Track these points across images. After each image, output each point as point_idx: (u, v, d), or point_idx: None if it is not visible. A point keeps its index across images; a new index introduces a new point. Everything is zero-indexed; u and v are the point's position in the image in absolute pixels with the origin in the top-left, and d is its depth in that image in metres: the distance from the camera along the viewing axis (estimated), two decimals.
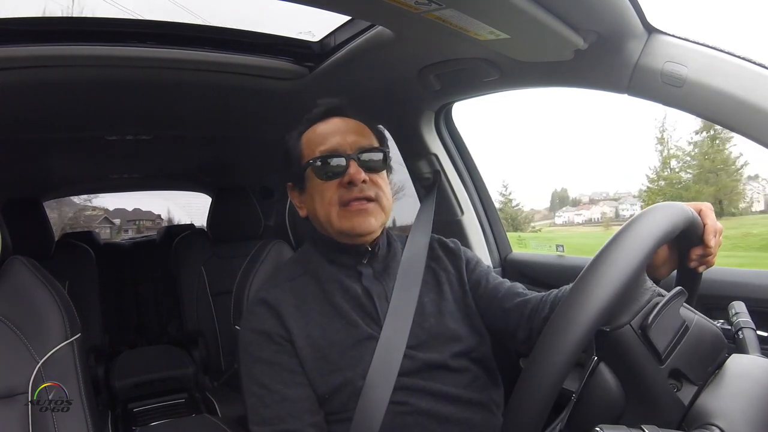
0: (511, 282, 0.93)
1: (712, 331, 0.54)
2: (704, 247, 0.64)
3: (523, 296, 0.88)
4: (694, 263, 0.66)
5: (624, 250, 0.47)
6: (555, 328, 0.45)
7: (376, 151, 0.85)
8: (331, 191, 0.82)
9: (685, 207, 0.59)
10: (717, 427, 0.43)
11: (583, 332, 0.43)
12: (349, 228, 0.82)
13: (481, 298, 0.90)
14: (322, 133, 0.86)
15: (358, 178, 0.81)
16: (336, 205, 0.82)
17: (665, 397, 0.48)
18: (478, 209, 1.41)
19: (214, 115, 1.58)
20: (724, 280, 0.90)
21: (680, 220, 0.54)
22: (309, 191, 0.86)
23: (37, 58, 1.02)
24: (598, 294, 0.45)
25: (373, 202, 0.83)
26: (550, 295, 0.84)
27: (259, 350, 0.81)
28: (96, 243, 2.81)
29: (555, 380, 0.43)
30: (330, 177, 0.82)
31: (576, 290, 0.47)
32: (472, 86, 1.14)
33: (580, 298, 0.45)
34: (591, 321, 0.44)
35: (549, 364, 0.43)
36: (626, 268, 0.46)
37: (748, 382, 0.49)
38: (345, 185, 0.81)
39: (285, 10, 0.82)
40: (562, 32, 0.75)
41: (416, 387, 0.79)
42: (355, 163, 0.82)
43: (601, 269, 0.46)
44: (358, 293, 0.84)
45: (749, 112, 0.71)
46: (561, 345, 0.43)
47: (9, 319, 0.90)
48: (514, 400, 0.46)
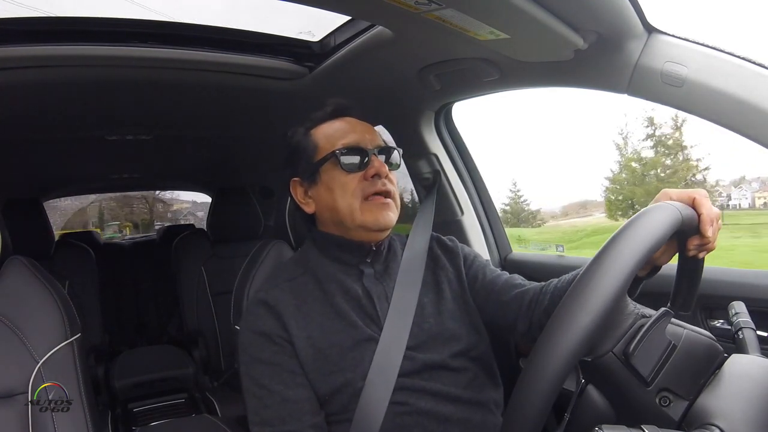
0: (509, 274, 0.92)
1: (703, 343, 0.52)
2: (701, 237, 0.61)
3: (521, 287, 0.87)
4: (693, 252, 0.63)
5: (601, 278, 0.44)
6: (534, 364, 0.44)
7: (392, 150, 0.87)
8: (354, 183, 0.83)
9: (673, 209, 0.54)
10: (717, 427, 0.43)
11: (562, 366, 0.42)
12: (372, 221, 0.82)
13: (479, 293, 0.90)
14: (340, 128, 0.87)
15: (383, 171, 0.82)
16: (359, 198, 0.82)
17: (655, 415, 0.48)
18: (478, 209, 1.41)
19: (214, 115, 1.58)
20: (724, 280, 0.90)
21: (667, 228, 0.51)
22: (326, 184, 0.85)
23: (37, 58, 1.02)
24: (575, 327, 0.43)
25: (390, 198, 0.84)
26: (549, 285, 0.83)
27: (259, 351, 0.81)
28: (96, 243, 2.81)
29: (537, 421, 0.42)
30: (353, 169, 0.83)
31: (554, 322, 0.45)
32: (472, 86, 1.14)
33: (557, 332, 0.43)
34: (570, 354, 0.42)
35: (529, 404, 0.42)
36: (603, 298, 0.43)
37: (748, 382, 0.49)
38: (369, 178, 0.82)
39: (285, 10, 0.82)
40: (562, 32, 0.75)
41: (416, 387, 0.79)
42: (376, 157, 0.83)
43: (579, 300, 0.44)
44: (359, 294, 0.84)
45: (749, 112, 0.71)
46: (539, 382, 0.42)
47: (9, 319, 0.90)
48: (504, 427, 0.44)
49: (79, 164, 2.22)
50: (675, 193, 0.61)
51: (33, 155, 1.84)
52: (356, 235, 0.85)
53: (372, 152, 0.83)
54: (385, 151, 0.86)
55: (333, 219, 0.86)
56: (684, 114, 0.98)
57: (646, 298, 0.82)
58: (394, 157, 0.88)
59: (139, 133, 1.71)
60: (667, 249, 0.67)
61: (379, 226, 0.83)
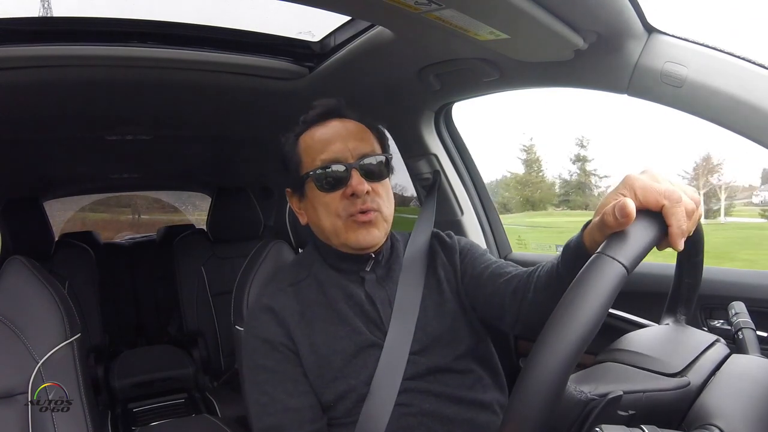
0: (498, 262, 0.86)
1: (666, 399, 0.46)
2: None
3: (506, 276, 0.81)
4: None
5: (543, 366, 0.38)
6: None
7: (377, 157, 0.83)
8: (334, 203, 0.80)
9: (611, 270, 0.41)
10: (717, 427, 0.42)
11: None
12: (354, 241, 0.81)
13: (468, 288, 0.87)
14: (321, 139, 0.83)
15: (360, 189, 0.78)
16: (341, 218, 0.80)
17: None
18: (478, 209, 1.41)
19: (214, 115, 1.58)
20: (724, 280, 0.90)
21: (617, 285, 0.41)
22: (310, 201, 0.84)
23: (37, 58, 1.02)
24: (522, 418, 0.38)
25: (375, 212, 0.81)
26: (534, 274, 0.75)
27: (263, 358, 0.81)
28: (96, 243, 2.81)
29: None
30: (332, 188, 0.80)
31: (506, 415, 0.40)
32: (472, 86, 1.14)
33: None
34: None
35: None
36: (547, 389, 0.38)
37: (748, 382, 0.49)
38: (348, 197, 0.79)
39: (285, 10, 0.82)
40: (562, 32, 0.75)
41: (420, 389, 0.79)
42: (357, 173, 0.79)
43: (523, 389, 0.39)
44: (362, 299, 0.83)
45: (749, 112, 0.71)
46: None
47: (9, 319, 0.90)
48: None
49: (79, 164, 2.21)
50: (640, 191, 0.46)
51: (33, 155, 1.84)
52: (346, 251, 0.85)
53: (353, 166, 0.79)
54: (372, 158, 0.82)
55: (322, 235, 0.86)
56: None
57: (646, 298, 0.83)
58: (379, 164, 0.82)
59: (139, 133, 1.71)
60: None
61: (361, 246, 0.81)
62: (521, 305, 0.76)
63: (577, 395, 0.43)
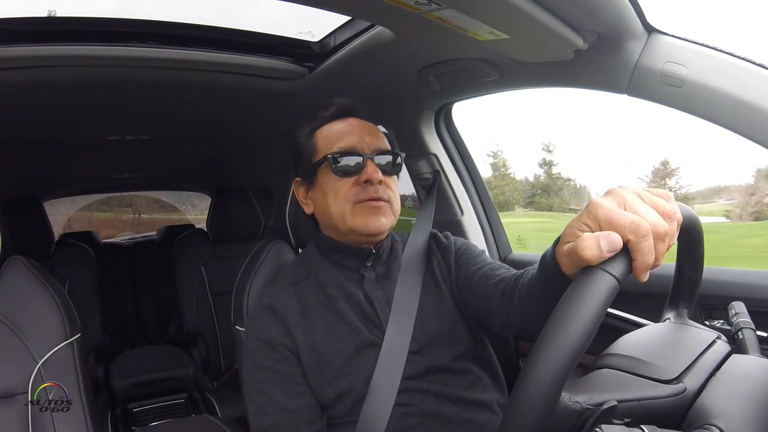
0: (490, 264, 0.86)
1: (661, 407, 0.46)
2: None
3: (495, 279, 0.80)
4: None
5: (537, 380, 0.38)
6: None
7: (391, 154, 0.86)
8: (346, 188, 0.82)
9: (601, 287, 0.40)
10: (717, 427, 0.42)
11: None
12: (361, 226, 0.82)
13: (461, 290, 0.87)
14: (339, 130, 0.86)
15: (375, 177, 0.81)
16: (350, 203, 0.82)
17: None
18: (478, 209, 1.41)
19: (214, 115, 1.58)
20: (724, 280, 0.90)
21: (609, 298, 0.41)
22: (321, 187, 0.85)
23: (38, 58, 1.02)
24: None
25: (385, 202, 0.83)
26: (519, 279, 0.74)
27: (263, 358, 0.81)
28: (96, 243, 2.81)
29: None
30: (346, 174, 0.82)
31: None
32: (472, 86, 1.14)
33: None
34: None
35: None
36: (541, 402, 0.37)
37: (748, 382, 0.49)
38: (361, 184, 0.82)
39: (285, 10, 0.82)
40: (562, 32, 0.75)
41: (420, 389, 0.79)
42: (372, 162, 0.82)
43: (517, 403, 0.38)
44: (360, 299, 0.84)
45: (749, 112, 0.71)
46: None
47: (9, 319, 0.90)
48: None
49: (79, 164, 2.21)
50: (605, 224, 0.42)
51: (33, 155, 1.84)
52: (351, 239, 0.85)
53: (369, 157, 0.82)
54: (386, 154, 0.85)
55: (327, 222, 0.87)
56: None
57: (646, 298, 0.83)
58: (392, 161, 0.86)
59: (139, 133, 1.71)
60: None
61: (369, 231, 0.82)
62: (509, 309, 0.75)
63: (571, 405, 0.43)
